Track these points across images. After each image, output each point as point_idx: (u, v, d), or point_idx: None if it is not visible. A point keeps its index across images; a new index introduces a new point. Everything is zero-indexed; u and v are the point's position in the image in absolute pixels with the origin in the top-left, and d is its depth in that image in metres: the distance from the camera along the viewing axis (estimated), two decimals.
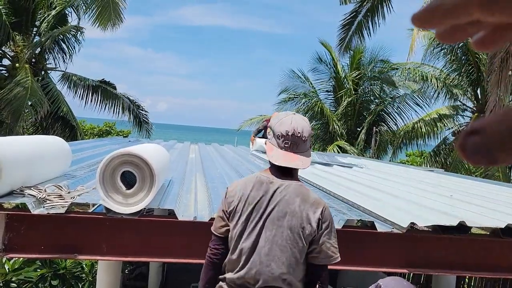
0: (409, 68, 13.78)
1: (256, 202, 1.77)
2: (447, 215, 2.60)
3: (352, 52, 13.89)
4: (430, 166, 13.76)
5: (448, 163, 13.61)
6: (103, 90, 12.59)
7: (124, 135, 20.30)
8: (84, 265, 6.80)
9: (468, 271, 2.05)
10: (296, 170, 1.82)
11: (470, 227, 2.40)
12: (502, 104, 9.93)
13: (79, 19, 11.96)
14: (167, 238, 2.18)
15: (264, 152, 7.65)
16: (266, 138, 7.06)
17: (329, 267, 1.84)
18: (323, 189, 3.48)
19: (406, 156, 19.38)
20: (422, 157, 16.15)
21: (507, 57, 9.69)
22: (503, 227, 2.34)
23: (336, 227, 2.03)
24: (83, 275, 6.77)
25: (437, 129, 13.66)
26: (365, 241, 2.37)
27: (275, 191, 1.77)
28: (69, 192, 2.32)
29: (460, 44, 13.30)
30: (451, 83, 13.98)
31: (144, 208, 2.29)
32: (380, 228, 2.34)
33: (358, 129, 13.71)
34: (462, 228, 2.36)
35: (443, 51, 13.51)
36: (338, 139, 13.00)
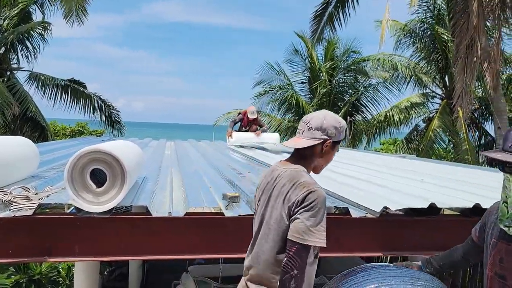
0: (379, 59, 14.01)
1: (263, 189, 1.96)
2: (419, 198, 2.67)
3: (326, 43, 14.00)
4: (403, 153, 14.09)
5: (420, 149, 13.95)
6: (73, 90, 12.25)
7: (98, 134, 19.87)
8: (60, 269, 6.65)
9: (439, 251, 2.11)
10: (309, 156, 1.91)
11: (440, 209, 2.47)
12: (469, 90, 10.24)
13: (44, 15, 11.56)
14: (141, 236, 2.15)
15: (242, 146, 7.68)
16: (242, 130, 7.01)
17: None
18: None
19: (380, 144, 19.78)
20: (395, 144, 16.52)
21: (471, 44, 9.97)
22: (471, 206, 2.41)
23: None
24: (60, 279, 6.62)
25: (409, 117, 13.97)
26: (340, 227, 2.40)
27: (276, 177, 1.91)
28: (36, 194, 2.25)
29: (428, 33, 13.61)
30: (420, 71, 14.31)
31: (122, 207, 2.25)
32: (354, 214, 2.37)
33: None
34: (433, 210, 2.42)
35: (411, 40, 13.80)
36: None
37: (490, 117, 14.02)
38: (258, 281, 1.88)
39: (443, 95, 14.49)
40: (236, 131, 8.08)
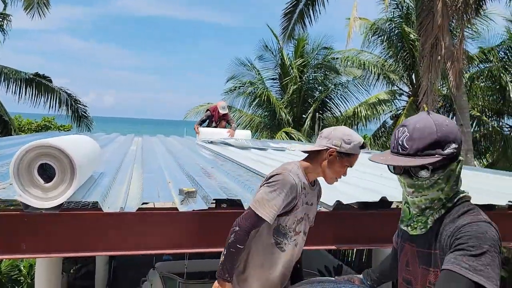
0: (348, 56, 14.23)
1: None
2: (373, 192, 2.74)
3: (296, 40, 14.10)
4: (371, 149, 14.43)
5: (388, 145, 14.31)
6: (38, 84, 11.85)
7: (66, 129, 19.31)
8: (22, 267, 6.46)
9: (389, 243, 2.18)
10: (314, 160, 2.09)
11: (391, 202, 2.55)
12: (433, 88, 10.56)
13: (5, 5, 11.09)
14: (92, 232, 2.11)
15: (210, 142, 7.65)
16: (212, 126, 6.99)
17: None
18: (253, 170, 3.53)
19: None
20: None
21: (436, 43, 10.28)
22: None
23: None
24: (21, 278, 6.43)
25: (377, 113, 14.29)
26: None
27: None
28: None
29: (396, 31, 13.94)
30: (388, 69, 14.64)
31: (72, 202, 2.20)
32: None
33: (303, 116, 14.01)
34: (384, 203, 2.50)
35: (380, 38, 14.10)
36: (285, 126, 13.21)
37: (454, 115, 14.54)
38: None
39: (410, 92, 14.89)
40: (205, 127, 8.03)
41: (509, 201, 2.59)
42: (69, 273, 8.10)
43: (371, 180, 3.24)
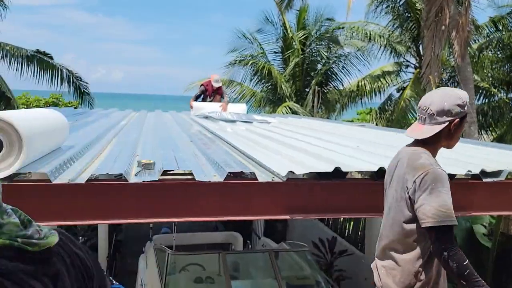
0: (354, 27, 13.86)
1: (389, 171, 2.11)
2: (332, 162, 2.72)
3: (298, 11, 13.77)
4: (376, 122, 14.22)
5: (393, 118, 14.09)
6: (39, 60, 11.91)
7: (74, 106, 19.52)
8: None
9: (341, 213, 2.19)
10: (434, 141, 1.91)
11: (347, 172, 2.53)
12: (437, 59, 10.27)
13: None
14: (41, 201, 2.16)
15: (206, 117, 7.66)
16: (207, 101, 6.99)
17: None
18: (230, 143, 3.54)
19: (358, 114, 19.92)
20: (370, 114, 16.65)
21: (440, 12, 9.93)
22: (376, 170, 2.48)
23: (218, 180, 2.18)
24: None
25: (382, 86, 14.02)
26: (250, 191, 2.45)
27: (399, 160, 2.00)
28: None
29: (402, 1, 13.48)
30: (394, 40, 14.25)
31: (21, 174, 2.25)
32: (261, 178, 2.42)
33: (306, 89, 13.84)
34: (339, 173, 2.48)
35: (385, 8, 13.67)
36: (287, 100, 13.09)
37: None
38: (381, 256, 2.03)
39: (416, 64, 14.52)
40: (200, 102, 8.02)
41: (468, 171, 2.55)
42: None
43: (340, 151, 3.21)
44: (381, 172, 2.44)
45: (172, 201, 2.26)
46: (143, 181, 2.26)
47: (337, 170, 2.44)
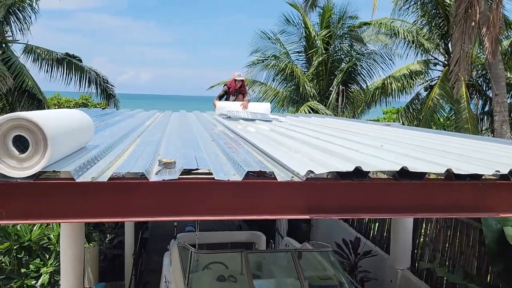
0: (381, 23, 13.62)
1: None
2: (354, 161, 2.67)
3: (321, 10, 13.65)
4: (403, 122, 13.91)
5: (421, 117, 13.76)
6: (68, 63, 12.33)
7: (102, 107, 20.05)
8: (51, 236, 6.89)
9: (362, 213, 2.15)
10: None
11: (368, 172, 2.47)
12: (466, 56, 9.96)
13: None
14: (66, 199, 2.22)
15: (228, 117, 7.70)
16: (230, 100, 7.02)
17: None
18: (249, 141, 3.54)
19: (383, 113, 19.53)
20: (398, 113, 16.31)
21: (470, 7, 9.62)
22: (398, 169, 2.41)
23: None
24: (51, 246, 6.87)
25: (408, 85, 13.72)
26: (269, 190, 2.43)
27: None
28: None
29: None
30: (423, 37, 13.91)
31: (46, 172, 2.32)
32: (280, 177, 2.40)
33: (330, 89, 13.70)
34: (361, 173, 2.43)
35: (413, 5, 13.36)
36: (310, 100, 13.00)
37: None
38: None
39: (445, 61, 14.13)
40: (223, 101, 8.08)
41: (496, 171, 2.45)
42: (104, 243, 8.64)
43: (363, 151, 3.15)
44: (404, 172, 2.38)
45: (191, 200, 2.27)
46: (163, 180, 2.29)
47: (358, 169, 2.39)
